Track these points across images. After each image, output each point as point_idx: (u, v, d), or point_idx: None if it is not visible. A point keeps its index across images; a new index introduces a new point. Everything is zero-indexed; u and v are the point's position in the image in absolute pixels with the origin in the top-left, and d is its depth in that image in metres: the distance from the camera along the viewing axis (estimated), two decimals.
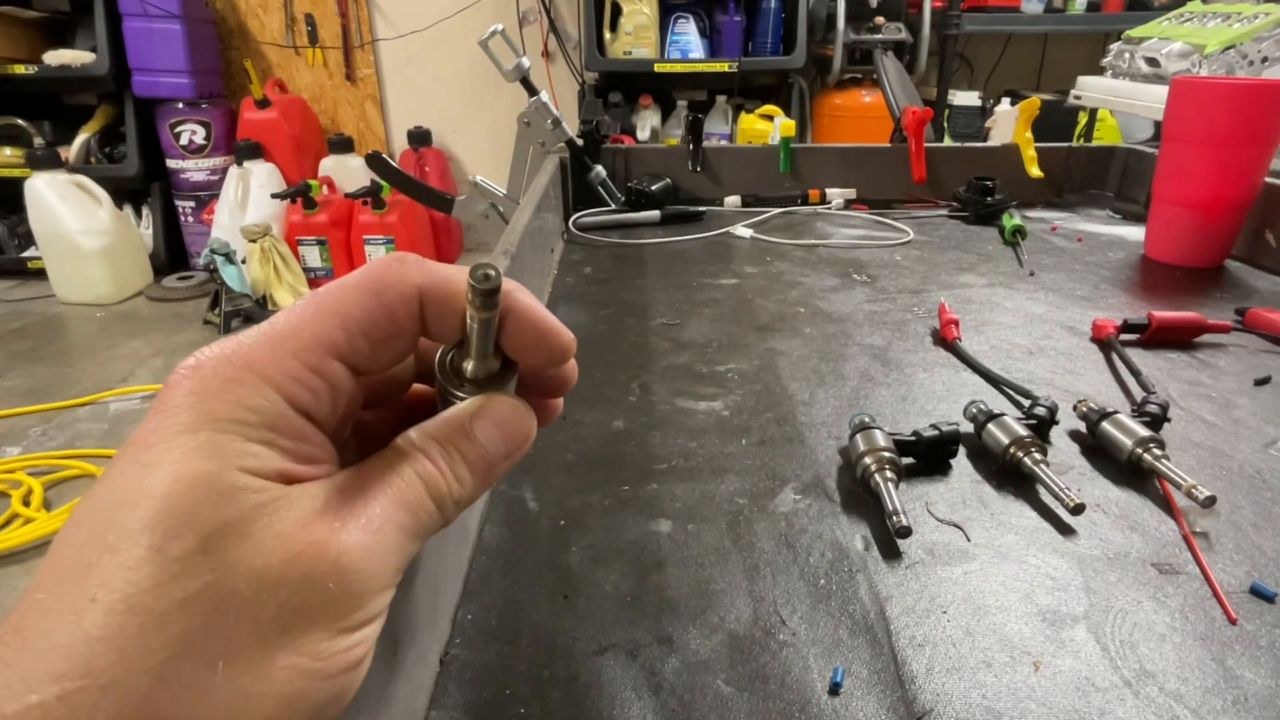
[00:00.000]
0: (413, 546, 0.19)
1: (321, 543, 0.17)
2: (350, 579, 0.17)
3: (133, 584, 0.15)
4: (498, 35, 1.09)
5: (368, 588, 0.18)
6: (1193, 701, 0.31)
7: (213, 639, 0.15)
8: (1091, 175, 1.17)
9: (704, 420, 0.53)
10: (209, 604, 0.15)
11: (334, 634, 0.17)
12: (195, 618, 0.15)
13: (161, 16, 2.68)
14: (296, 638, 0.16)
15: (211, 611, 0.15)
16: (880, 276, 0.83)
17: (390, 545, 0.18)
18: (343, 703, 0.18)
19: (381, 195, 2.69)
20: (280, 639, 0.16)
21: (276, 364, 0.17)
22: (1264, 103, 0.77)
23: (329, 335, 0.18)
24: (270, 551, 0.16)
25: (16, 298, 2.76)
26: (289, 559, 0.16)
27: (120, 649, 0.14)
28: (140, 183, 2.92)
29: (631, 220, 1.03)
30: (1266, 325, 0.66)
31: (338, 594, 0.17)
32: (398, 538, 0.19)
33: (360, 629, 0.18)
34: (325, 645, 0.17)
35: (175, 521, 0.15)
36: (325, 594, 0.17)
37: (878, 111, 2.53)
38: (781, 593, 0.37)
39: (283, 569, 0.16)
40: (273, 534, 0.16)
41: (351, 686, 0.18)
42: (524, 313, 0.21)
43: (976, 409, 0.49)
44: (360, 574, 0.17)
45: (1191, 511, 0.42)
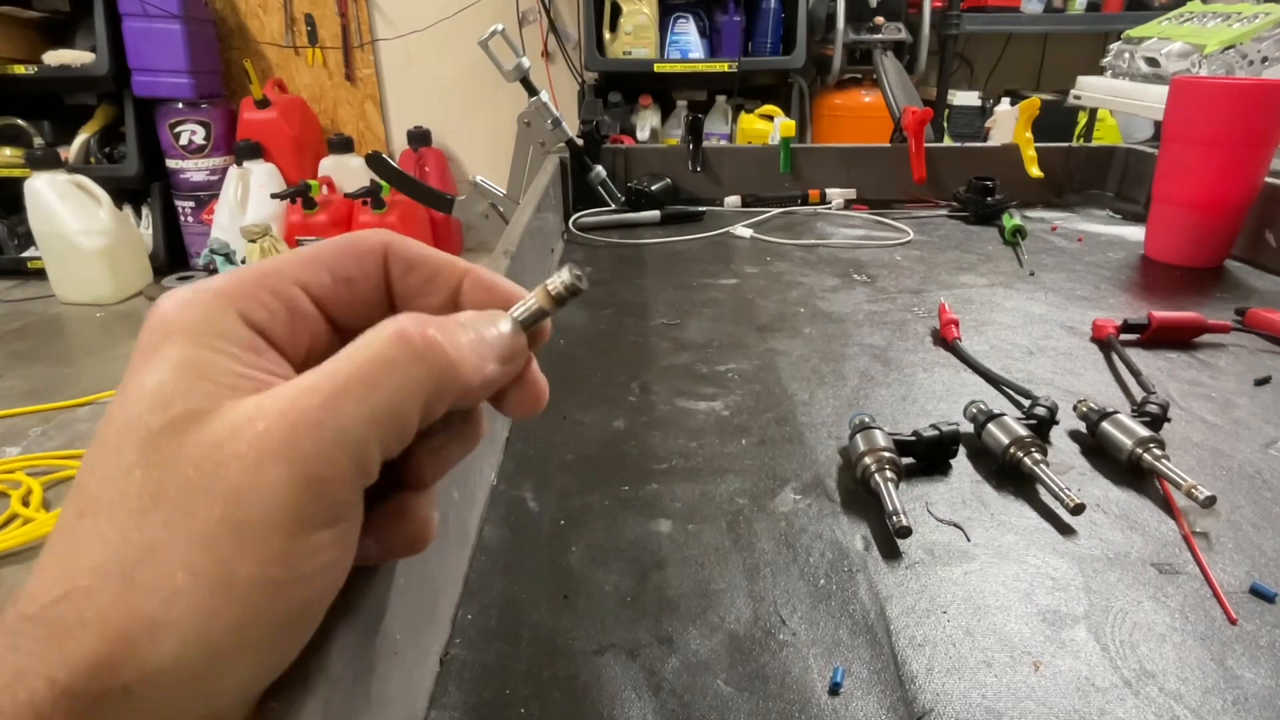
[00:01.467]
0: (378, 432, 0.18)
1: (261, 434, 0.17)
2: (304, 471, 0.17)
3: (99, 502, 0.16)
4: (498, 35, 1.09)
5: (326, 477, 0.17)
6: (1193, 701, 0.31)
7: (167, 549, 0.16)
8: (1091, 175, 1.17)
9: (704, 420, 0.53)
10: (161, 517, 0.16)
11: (298, 536, 0.17)
12: (151, 528, 0.16)
13: (161, 16, 2.67)
14: (255, 546, 0.16)
15: (162, 526, 0.16)
16: (880, 276, 0.83)
17: (347, 431, 0.17)
18: (316, 608, 0.18)
19: (381, 195, 2.69)
20: (236, 548, 0.16)
21: (236, 287, 0.19)
22: (1264, 103, 0.77)
23: (292, 268, 0.20)
24: (212, 451, 0.16)
25: (16, 298, 2.75)
26: (232, 459, 0.16)
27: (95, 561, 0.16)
28: (140, 183, 2.91)
29: (631, 220, 1.03)
30: (1266, 325, 0.66)
31: (292, 493, 0.17)
32: (356, 421, 0.17)
33: (323, 528, 0.17)
34: (291, 550, 0.17)
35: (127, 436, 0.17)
36: (279, 496, 0.16)
37: (878, 111, 2.52)
38: (781, 593, 0.37)
39: (226, 470, 0.16)
40: (213, 439, 0.17)
41: (324, 593, 0.18)
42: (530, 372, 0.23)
43: (976, 409, 0.49)
44: (312, 463, 0.17)
45: (1191, 511, 0.42)
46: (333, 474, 0.17)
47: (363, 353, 0.18)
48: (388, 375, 0.18)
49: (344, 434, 0.17)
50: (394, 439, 0.18)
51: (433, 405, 0.19)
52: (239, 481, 0.16)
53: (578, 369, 0.60)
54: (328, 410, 0.17)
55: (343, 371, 0.18)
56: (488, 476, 0.45)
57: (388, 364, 0.18)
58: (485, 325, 0.20)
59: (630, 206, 1.06)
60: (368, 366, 0.18)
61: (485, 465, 0.45)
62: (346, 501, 0.18)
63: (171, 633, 0.16)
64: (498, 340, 0.21)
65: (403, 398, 0.18)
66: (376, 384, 0.18)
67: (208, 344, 0.18)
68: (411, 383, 0.18)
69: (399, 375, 0.18)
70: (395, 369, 0.18)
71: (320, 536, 0.17)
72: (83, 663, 0.15)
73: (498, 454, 0.49)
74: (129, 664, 0.15)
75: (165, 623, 0.16)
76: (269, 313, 0.19)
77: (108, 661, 0.15)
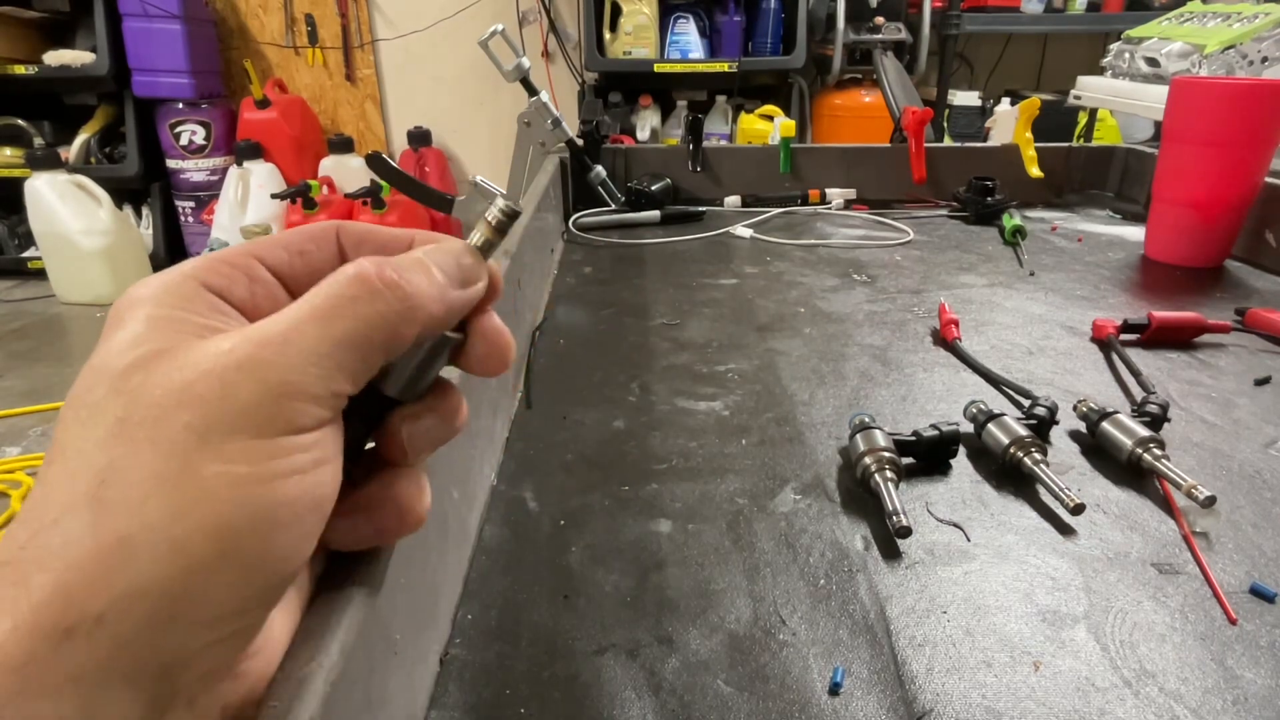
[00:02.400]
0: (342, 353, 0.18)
1: (226, 352, 0.17)
2: (266, 376, 0.17)
3: (67, 442, 0.17)
4: (498, 35, 1.08)
5: (289, 381, 0.17)
6: (1193, 701, 0.31)
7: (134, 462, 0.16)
8: (1091, 175, 1.17)
9: (704, 420, 0.53)
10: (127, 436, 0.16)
11: (263, 438, 0.17)
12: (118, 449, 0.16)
13: (161, 16, 2.67)
14: (220, 446, 0.17)
15: (128, 443, 0.16)
16: (880, 276, 0.83)
17: (311, 348, 0.18)
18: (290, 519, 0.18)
19: (381, 195, 2.69)
20: (202, 450, 0.16)
21: (195, 263, 0.20)
22: (1264, 103, 0.77)
23: (248, 246, 0.22)
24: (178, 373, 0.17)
25: (16, 298, 2.75)
26: (198, 376, 0.17)
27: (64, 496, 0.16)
28: (140, 183, 2.91)
29: (631, 220, 1.03)
30: (1266, 325, 0.66)
31: (256, 398, 0.17)
32: (319, 340, 0.18)
33: (298, 434, 0.18)
34: (256, 449, 0.17)
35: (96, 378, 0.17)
36: (243, 401, 0.17)
37: (878, 111, 2.52)
38: (781, 593, 0.37)
39: (192, 385, 0.17)
40: (179, 364, 0.17)
41: (298, 503, 0.18)
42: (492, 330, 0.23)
43: (976, 409, 0.49)
44: (276, 369, 0.17)
45: (1191, 511, 0.42)
46: (297, 380, 0.18)
47: (325, 289, 0.19)
48: (348, 308, 0.19)
49: (307, 350, 0.18)
50: (359, 362, 0.19)
51: (397, 334, 0.19)
52: (204, 393, 0.17)
53: (578, 369, 0.60)
54: (292, 331, 0.18)
55: (306, 304, 0.19)
56: (488, 476, 0.45)
57: (349, 299, 0.19)
58: (440, 255, 0.22)
59: (630, 206, 1.06)
60: (330, 301, 0.19)
61: (485, 465, 0.45)
62: (313, 413, 0.18)
63: (143, 544, 0.16)
64: (454, 266, 0.21)
65: (363, 327, 0.19)
66: (339, 315, 0.19)
67: (172, 304, 0.19)
68: (372, 316, 0.19)
69: (358, 309, 0.19)
70: (355, 304, 0.19)
71: (289, 441, 0.18)
72: (48, 597, 0.15)
73: (498, 454, 0.49)
74: (100, 588, 0.15)
75: (136, 534, 0.16)
76: (228, 279, 0.20)
77: (76, 591, 0.15)
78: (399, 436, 0.22)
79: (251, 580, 0.17)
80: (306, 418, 0.18)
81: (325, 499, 0.19)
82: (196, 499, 0.16)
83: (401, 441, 0.22)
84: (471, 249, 0.22)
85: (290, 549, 0.18)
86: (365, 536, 0.22)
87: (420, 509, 0.23)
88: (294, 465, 0.18)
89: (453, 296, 0.21)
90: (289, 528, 0.18)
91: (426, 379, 0.23)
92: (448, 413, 0.23)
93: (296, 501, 0.18)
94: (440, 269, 0.21)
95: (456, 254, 0.22)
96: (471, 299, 0.22)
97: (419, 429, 0.22)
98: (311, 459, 0.18)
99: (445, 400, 0.23)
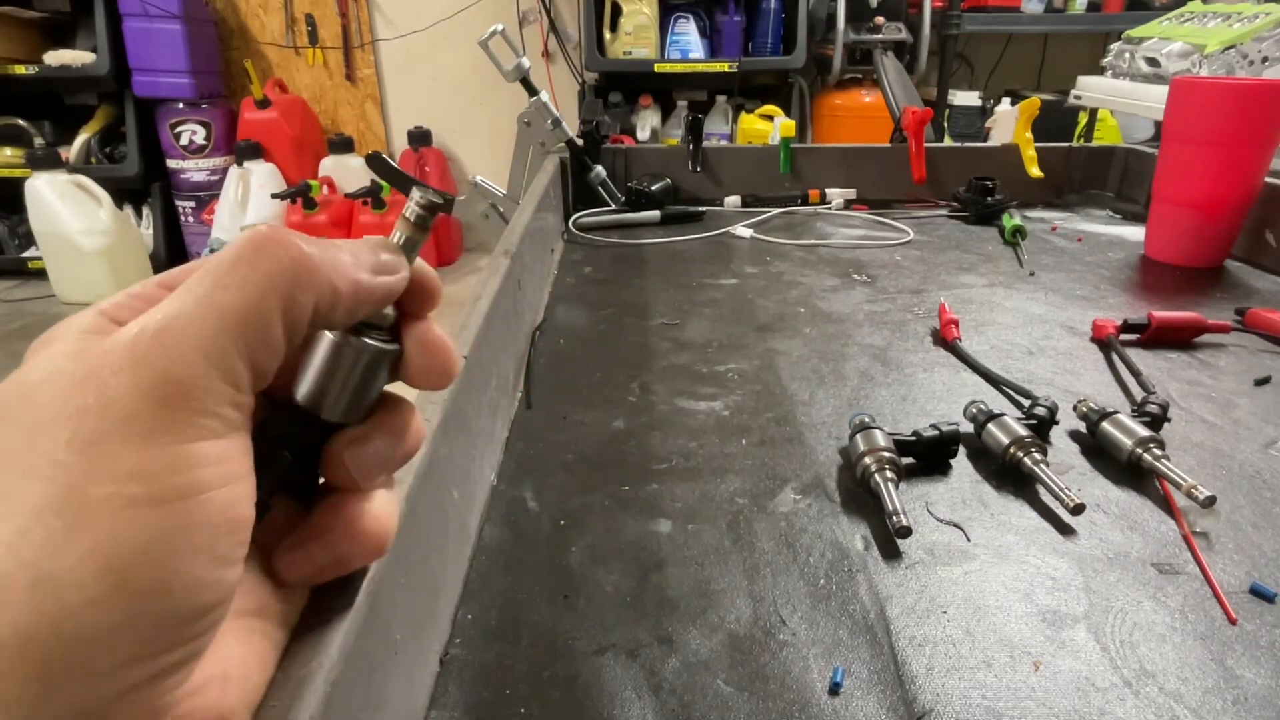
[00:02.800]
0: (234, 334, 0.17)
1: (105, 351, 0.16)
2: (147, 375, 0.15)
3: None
4: (498, 35, 1.09)
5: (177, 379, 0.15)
6: (1193, 701, 0.31)
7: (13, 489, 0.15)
8: (1091, 175, 1.17)
9: (704, 420, 0.53)
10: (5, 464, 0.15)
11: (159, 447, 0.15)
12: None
13: (162, 16, 2.67)
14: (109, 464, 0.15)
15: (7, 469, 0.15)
16: (880, 276, 0.83)
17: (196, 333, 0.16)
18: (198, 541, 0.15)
19: (381, 195, 2.69)
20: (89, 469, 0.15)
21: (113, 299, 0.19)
22: (1264, 103, 0.77)
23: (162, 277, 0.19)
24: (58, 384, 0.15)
25: (17, 298, 2.76)
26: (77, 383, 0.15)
27: None
28: (140, 183, 2.92)
29: (631, 220, 1.03)
30: (1266, 325, 0.66)
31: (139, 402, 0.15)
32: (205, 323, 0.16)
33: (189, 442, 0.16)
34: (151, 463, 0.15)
35: None
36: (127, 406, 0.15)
37: (878, 111, 2.52)
38: (781, 593, 0.37)
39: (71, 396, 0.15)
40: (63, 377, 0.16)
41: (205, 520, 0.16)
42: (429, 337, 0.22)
43: (976, 409, 0.49)
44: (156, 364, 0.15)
45: (1191, 511, 0.42)
46: (186, 375, 0.16)
47: (212, 259, 0.17)
48: (234, 274, 0.17)
49: (192, 336, 0.16)
50: (257, 342, 0.17)
51: (293, 302, 0.18)
52: (84, 403, 0.15)
53: (578, 369, 0.60)
54: (172, 316, 0.16)
55: (193, 280, 0.17)
56: (488, 476, 0.45)
57: (234, 261, 0.17)
58: (354, 243, 0.20)
59: (630, 206, 1.06)
60: (215, 270, 0.17)
61: (485, 465, 0.45)
62: (211, 411, 0.16)
63: (17, 585, 0.14)
64: (365, 251, 0.20)
65: (253, 294, 0.17)
66: (224, 284, 0.17)
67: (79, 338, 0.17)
68: (261, 278, 0.17)
69: (244, 273, 0.17)
70: (240, 268, 0.17)
71: (190, 452, 0.16)
72: None
73: (498, 454, 0.49)
74: None
75: (13, 569, 0.14)
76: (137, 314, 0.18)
77: None
78: (342, 461, 0.20)
79: (157, 618, 0.15)
80: (208, 420, 0.16)
81: (239, 522, 0.17)
82: (81, 527, 0.14)
83: (345, 467, 0.20)
84: (390, 243, 0.21)
85: (201, 580, 0.16)
86: (324, 567, 0.21)
87: (382, 531, 0.21)
88: (200, 481, 0.16)
89: (362, 278, 0.19)
90: (195, 555, 0.15)
91: (366, 397, 0.21)
92: (396, 430, 0.21)
93: (204, 525, 0.16)
94: (350, 252, 0.20)
95: (372, 243, 0.21)
96: (385, 287, 0.20)
97: (365, 452, 0.21)
98: (220, 473, 0.16)
99: (393, 417, 0.21)
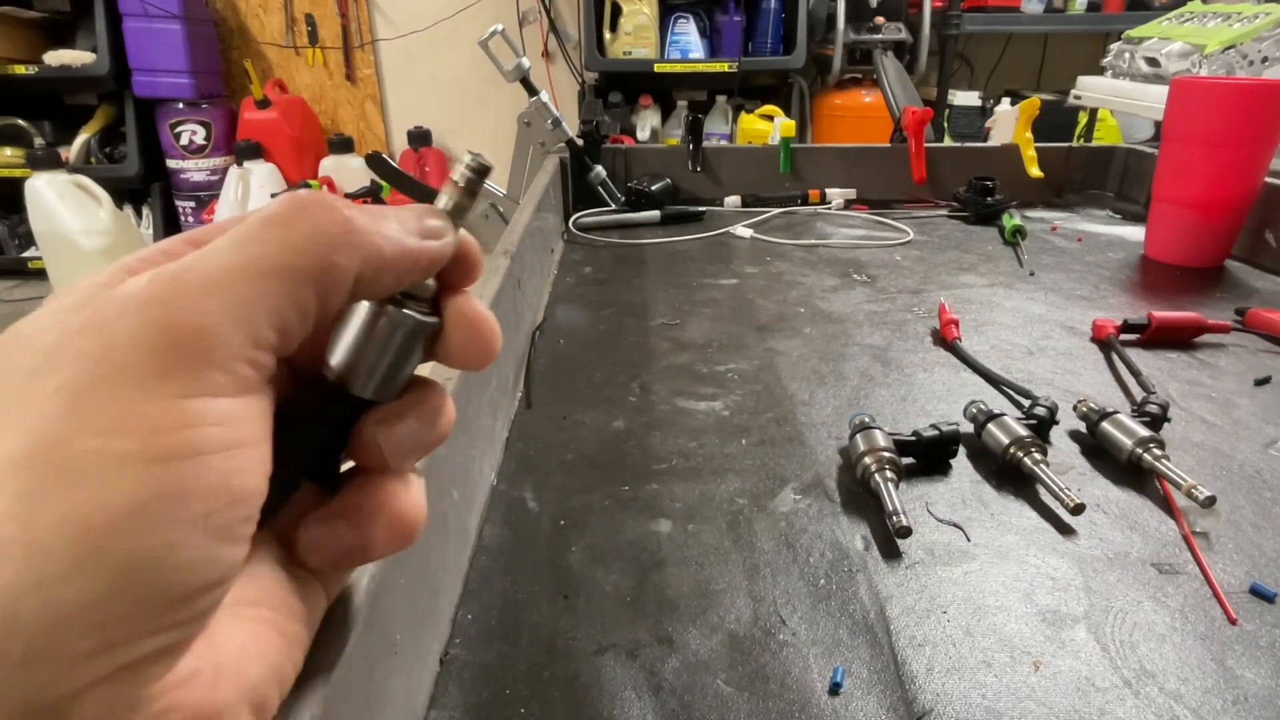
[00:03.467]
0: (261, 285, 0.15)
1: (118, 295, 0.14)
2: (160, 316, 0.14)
3: None
4: (498, 35, 1.08)
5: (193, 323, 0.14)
6: (1193, 701, 0.31)
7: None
8: (1091, 175, 1.17)
9: (704, 420, 0.53)
10: None
11: (160, 400, 0.13)
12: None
13: (161, 16, 2.67)
14: (99, 413, 0.13)
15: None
16: (880, 276, 0.83)
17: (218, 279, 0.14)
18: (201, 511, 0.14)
19: (381, 195, 2.69)
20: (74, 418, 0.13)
21: (135, 253, 0.18)
22: (1264, 103, 0.77)
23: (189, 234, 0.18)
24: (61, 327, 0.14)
25: (17, 298, 2.75)
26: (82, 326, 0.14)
27: None
28: (140, 183, 2.91)
29: (631, 220, 1.03)
30: (1266, 325, 0.66)
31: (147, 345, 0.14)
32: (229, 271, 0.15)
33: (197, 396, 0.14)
34: (148, 414, 0.13)
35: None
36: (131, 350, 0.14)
37: (878, 111, 2.52)
38: (781, 593, 0.37)
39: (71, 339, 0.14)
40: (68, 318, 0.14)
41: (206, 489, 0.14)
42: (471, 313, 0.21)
43: (976, 409, 0.49)
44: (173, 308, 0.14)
45: (1191, 511, 0.42)
46: (202, 322, 0.14)
47: (251, 216, 0.16)
48: (271, 230, 0.15)
49: (211, 282, 0.14)
50: (284, 298, 0.15)
51: (331, 265, 0.16)
52: (84, 346, 0.13)
53: (578, 369, 0.60)
54: (198, 258, 0.15)
55: (223, 236, 0.16)
56: (488, 476, 0.45)
57: (269, 219, 0.16)
58: (399, 209, 0.19)
59: (630, 206, 1.06)
60: (249, 225, 0.16)
61: (485, 465, 0.45)
62: (228, 369, 0.14)
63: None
64: (411, 217, 0.19)
65: (288, 254, 0.15)
66: (257, 239, 0.15)
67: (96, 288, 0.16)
68: (298, 238, 0.16)
69: (281, 232, 0.15)
70: (277, 225, 0.16)
71: (195, 407, 0.14)
72: None
73: (498, 454, 0.49)
74: None
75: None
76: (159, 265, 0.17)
77: None
78: (374, 441, 0.19)
79: (138, 597, 0.13)
80: (218, 375, 0.14)
81: (243, 492, 0.15)
82: (60, 484, 0.12)
83: (377, 446, 0.19)
84: (436, 209, 0.20)
85: (193, 556, 0.14)
86: (351, 550, 0.19)
87: (413, 515, 0.20)
88: (202, 441, 0.14)
89: (408, 242, 0.18)
90: (190, 526, 0.13)
91: (402, 374, 0.20)
92: (428, 414, 0.20)
93: (201, 492, 0.14)
94: (396, 218, 0.18)
95: (418, 209, 0.19)
96: (433, 253, 0.19)
97: (398, 431, 0.19)
98: (226, 435, 0.14)
99: (426, 400, 0.20)
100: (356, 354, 0.19)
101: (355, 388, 0.19)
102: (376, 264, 0.17)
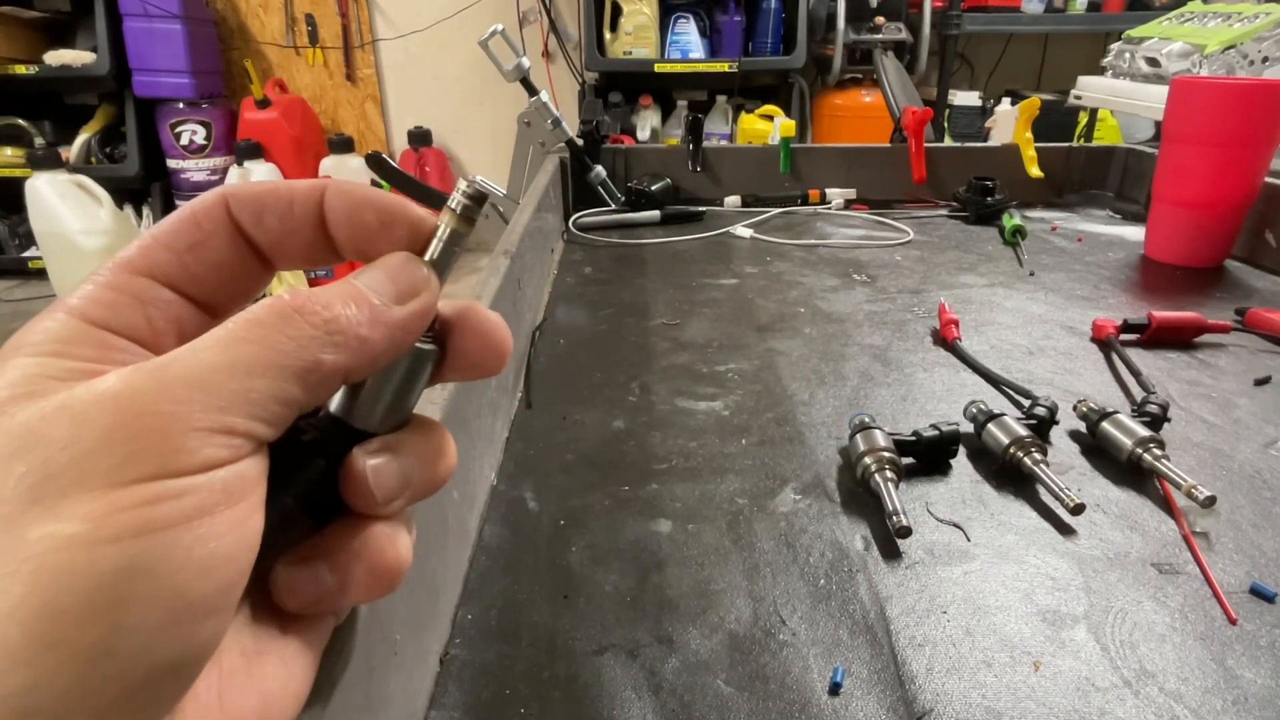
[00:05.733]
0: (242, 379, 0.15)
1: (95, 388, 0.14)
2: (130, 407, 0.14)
3: None
4: (498, 35, 1.08)
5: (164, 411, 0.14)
6: (1193, 701, 0.31)
7: None
8: (1091, 175, 1.17)
9: (704, 420, 0.53)
10: None
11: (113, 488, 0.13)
12: None
13: (162, 16, 2.67)
14: (57, 501, 0.13)
15: None
16: (880, 276, 0.83)
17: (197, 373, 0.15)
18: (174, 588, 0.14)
19: None
20: (32, 507, 0.13)
21: (80, 294, 0.17)
22: (1264, 103, 0.77)
23: (131, 256, 0.18)
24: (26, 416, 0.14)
25: (17, 298, 2.75)
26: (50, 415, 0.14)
27: None
28: (141, 183, 2.91)
29: (631, 220, 1.03)
30: (1266, 325, 0.66)
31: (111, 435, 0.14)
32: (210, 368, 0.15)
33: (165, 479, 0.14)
34: (105, 499, 0.13)
35: None
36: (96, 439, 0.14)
37: (878, 111, 2.52)
38: (781, 593, 0.37)
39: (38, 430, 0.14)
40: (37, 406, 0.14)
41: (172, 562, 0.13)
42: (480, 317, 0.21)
43: (976, 409, 0.49)
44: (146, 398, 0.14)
45: (1191, 511, 0.42)
46: (173, 411, 0.14)
47: (230, 321, 0.16)
48: (254, 330, 0.16)
49: (194, 375, 0.15)
50: (268, 390, 0.15)
51: (318, 363, 0.16)
52: (50, 435, 0.13)
53: (578, 369, 0.60)
54: (184, 353, 0.15)
55: (207, 335, 0.16)
56: (488, 476, 0.45)
57: (255, 323, 0.16)
58: (371, 273, 0.18)
59: (630, 206, 1.06)
60: (239, 323, 0.16)
61: (485, 465, 0.45)
62: (200, 450, 0.14)
63: None
64: (385, 281, 0.18)
65: (272, 353, 0.16)
66: (240, 339, 0.16)
67: (52, 350, 0.16)
68: (282, 341, 0.16)
69: (265, 332, 0.16)
70: (262, 327, 0.16)
71: (154, 485, 0.14)
72: None
73: (498, 454, 0.49)
74: None
75: None
76: (111, 309, 0.17)
77: None
78: (362, 473, 0.18)
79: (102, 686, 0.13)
80: (187, 457, 0.14)
81: (216, 559, 0.14)
82: (15, 574, 0.12)
83: (365, 479, 0.18)
84: (411, 257, 0.19)
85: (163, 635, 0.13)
86: (328, 593, 0.18)
87: (394, 563, 0.19)
88: (159, 516, 0.14)
89: (394, 317, 0.18)
90: (155, 605, 0.13)
91: (404, 406, 0.20)
92: (427, 454, 0.20)
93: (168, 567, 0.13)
94: (373, 288, 0.18)
95: (390, 267, 0.19)
96: (420, 311, 0.19)
97: (388, 466, 0.19)
98: (188, 506, 0.14)
99: (426, 439, 0.20)
100: (353, 385, 0.19)
101: (355, 420, 0.19)
102: (367, 357, 0.17)
